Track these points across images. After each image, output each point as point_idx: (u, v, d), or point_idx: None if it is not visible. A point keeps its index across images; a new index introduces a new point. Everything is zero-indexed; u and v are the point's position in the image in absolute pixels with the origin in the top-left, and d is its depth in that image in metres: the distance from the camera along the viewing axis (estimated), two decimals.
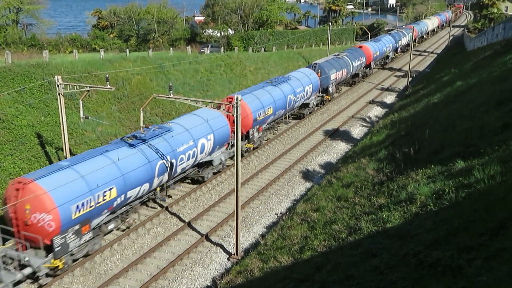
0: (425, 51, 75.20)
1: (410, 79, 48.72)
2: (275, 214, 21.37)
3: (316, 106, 38.37)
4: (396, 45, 65.12)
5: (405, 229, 11.42)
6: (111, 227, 18.38)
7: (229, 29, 65.79)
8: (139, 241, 18.98)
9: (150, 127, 20.27)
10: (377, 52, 54.74)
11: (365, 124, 35.51)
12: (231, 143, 25.30)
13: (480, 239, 8.80)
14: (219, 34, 65.15)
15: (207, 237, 19.25)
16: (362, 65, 49.67)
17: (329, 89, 39.96)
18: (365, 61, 50.22)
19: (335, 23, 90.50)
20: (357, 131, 33.71)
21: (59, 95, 19.30)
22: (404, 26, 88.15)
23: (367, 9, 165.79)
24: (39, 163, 21.74)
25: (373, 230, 12.75)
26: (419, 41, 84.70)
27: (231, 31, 65.55)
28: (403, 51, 71.20)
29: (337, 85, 43.71)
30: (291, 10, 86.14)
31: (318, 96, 38.33)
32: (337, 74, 41.28)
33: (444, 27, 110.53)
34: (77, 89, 19.16)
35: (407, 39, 69.46)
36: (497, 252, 8.00)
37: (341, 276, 10.75)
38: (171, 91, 17.79)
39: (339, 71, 41.53)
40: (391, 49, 62.62)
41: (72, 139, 23.46)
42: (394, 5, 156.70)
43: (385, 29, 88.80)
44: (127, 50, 43.91)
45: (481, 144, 14.52)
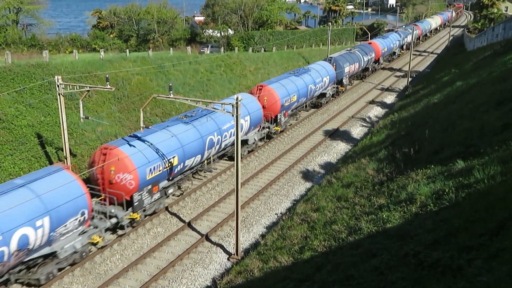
0: (425, 51, 75.21)
1: (410, 79, 48.76)
2: (275, 214, 21.37)
3: (331, 96, 41.61)
4: (402, 42, 68.03)
5: (405, 229, 11.41)
6: (170, 191, 21.51)
7: (229, 29, 65.78)
8: (139, 241, 18.98)
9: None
10: (385, 48, 58.04)
11: (365, 124, 35.51)
12: (262, 125, 28.85)
13: (480, 239, 8.79)
14: (219, 34, 65.11)
15: (207, 237, 19.25)
16: (372, 60, 52.58)
17: (343, 81, 43.25)
18: (374, 56, 53.04)
19: (335, 23, 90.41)
20: (357, 131, 33.71)
21: (59, 95, 19.29)
22: (405, 25, 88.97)
23: (367, 9, 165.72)
24: (39, 163, 21.72)
25: (373, 230, 12.74)
26: (423, 39, 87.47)
27: (231, 31, 65.53)
28: (408, 48, 72.61)
29: (350, 77, 46.51)
30: (291, 10, 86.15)
31: (333, 87, 41.45)
32: (350, 67, 44.29)
33: (446, 26, 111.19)
34: (77, 89, 19.14)
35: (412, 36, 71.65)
36: (497, 252, 7.99)
37: (341, 276, 10.75)
38: (171, 91, 17.92)
39: (352, 64, 44.54)
40: (398, 46, 65.58)
41: (72, 139, 23.43)
42: (394, 5, 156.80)
43: (385, 29, 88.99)
44: (127, 50, 43.86)
45: (481, 144, 14.51)
